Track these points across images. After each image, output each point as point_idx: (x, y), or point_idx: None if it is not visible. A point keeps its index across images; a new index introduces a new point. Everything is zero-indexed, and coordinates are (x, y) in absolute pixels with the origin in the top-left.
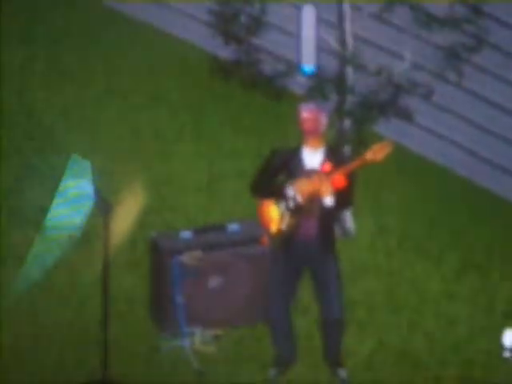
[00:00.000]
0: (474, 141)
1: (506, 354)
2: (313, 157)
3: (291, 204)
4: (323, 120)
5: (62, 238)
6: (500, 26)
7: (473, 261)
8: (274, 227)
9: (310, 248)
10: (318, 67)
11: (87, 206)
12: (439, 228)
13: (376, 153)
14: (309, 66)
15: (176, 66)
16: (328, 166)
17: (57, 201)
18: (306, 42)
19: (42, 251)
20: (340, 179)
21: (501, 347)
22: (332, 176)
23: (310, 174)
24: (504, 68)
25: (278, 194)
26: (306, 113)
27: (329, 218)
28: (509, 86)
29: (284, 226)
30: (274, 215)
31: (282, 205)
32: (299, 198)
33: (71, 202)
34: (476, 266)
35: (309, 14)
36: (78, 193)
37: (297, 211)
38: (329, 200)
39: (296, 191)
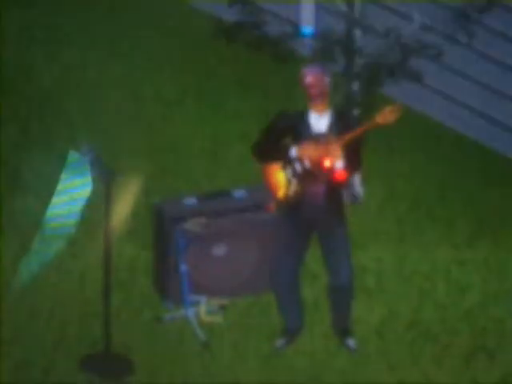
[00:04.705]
0: (485, 103)
1: None
2: (319, 121)
3: (298, 169)
4: (327, 82)
5: (61, 233)
6: None
7: (485, 226)
8: (280, 193)
9: (318, 213)
10: (325, 29)
11: (85, 200)
12: (450, 193)
13: (386, 116)
14: (308, 27)
15: (178, 28)
16: (342, 138)
17: (56, 197)
18: (305, 4)
19: (41, 246)
20: (349, 143)
21: None
22: (341, 139)
23: (317, 138)
24: None
25: (282, 158)
26: (312, 77)
27: None
28: None
29: (291, 192)
30: (281, 180)
31: (289, 170)
32: (307, 163)
33: (70, 197)
34: (488, 231)
35: None
36: (76, 187)
37: (304, 176)
38: (338, 163)
39: (303, 156)
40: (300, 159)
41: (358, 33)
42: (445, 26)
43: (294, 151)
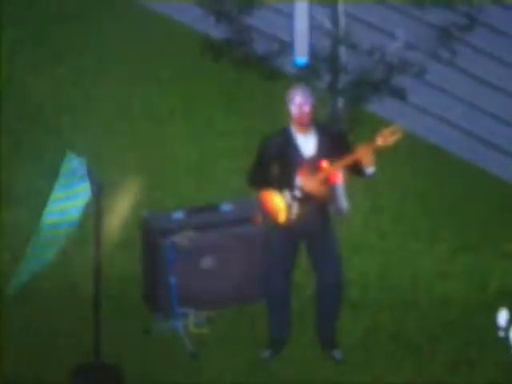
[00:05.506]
0: (467, 119)
1: (500, 334)
2: (306, 142)
3: (299, 194)
4: (313, 105)
5: (60, 235)
6: (492, 5)
7: (466, 239)
8: (281, 216)
9: (308, 224)
10: (311, 47)
11: (84, 201)
12: (433, 206)
13: (387, 138)
14: (301, 58)
15: (167, 45)
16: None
17: (54, 197)
18: (299, 35)
19: (39, 248)
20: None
21: (495, 326)
22: (341, 163)
23: (310, 162)
24: (496, 47)
25: (276, 184)
26: (300, 102)
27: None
28: (501, 65)
29: (293, 215)
30: (281, 205)
31: (287, 194)
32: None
33: (68, 197)
34: (470, 244)
35: (301, 9)
36: (74, 188)
37: (305, 199)
38: (371, 170)
39: (306, 186)
40: (301, 187)
41: (342, 50)
42: (428, 44)
43: (298, 180)
